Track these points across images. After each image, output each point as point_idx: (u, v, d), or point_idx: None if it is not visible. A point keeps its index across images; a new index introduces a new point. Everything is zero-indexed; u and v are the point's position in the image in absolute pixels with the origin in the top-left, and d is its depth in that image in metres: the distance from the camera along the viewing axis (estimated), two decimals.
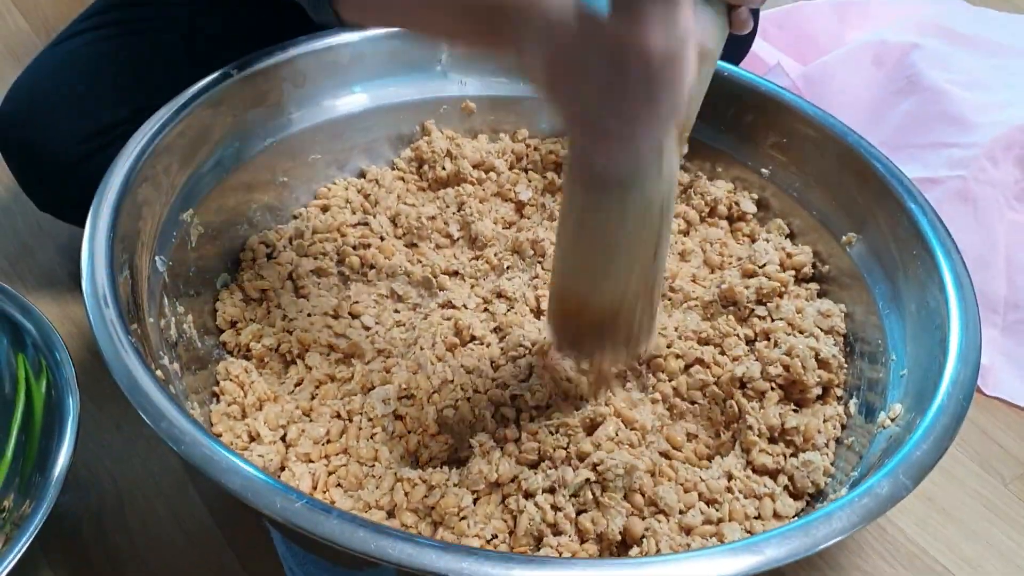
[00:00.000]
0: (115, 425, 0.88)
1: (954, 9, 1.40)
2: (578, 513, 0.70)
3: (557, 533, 0.69)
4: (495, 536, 0.69)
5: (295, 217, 0.95)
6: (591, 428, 0.75)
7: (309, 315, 0.85)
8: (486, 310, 0.88)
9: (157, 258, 0.79)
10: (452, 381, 0.78)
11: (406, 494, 0.71)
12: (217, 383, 0.80)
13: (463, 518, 0.70)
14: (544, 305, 0.87)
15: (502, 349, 0.82)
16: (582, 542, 0.69)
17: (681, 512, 0.71)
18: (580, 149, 0.63)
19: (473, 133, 1.03)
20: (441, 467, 0.74)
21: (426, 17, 0.71)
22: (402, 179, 1.00)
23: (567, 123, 0.63)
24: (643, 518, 0.71)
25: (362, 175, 1.00)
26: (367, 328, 0.86)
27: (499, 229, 0.95)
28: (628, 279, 0.68)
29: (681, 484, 0.73)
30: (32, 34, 1.35)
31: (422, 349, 0.81)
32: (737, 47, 1.11)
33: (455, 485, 0.71)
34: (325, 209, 0.95)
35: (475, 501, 0.71)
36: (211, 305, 0.87)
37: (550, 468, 0.72)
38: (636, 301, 0.70)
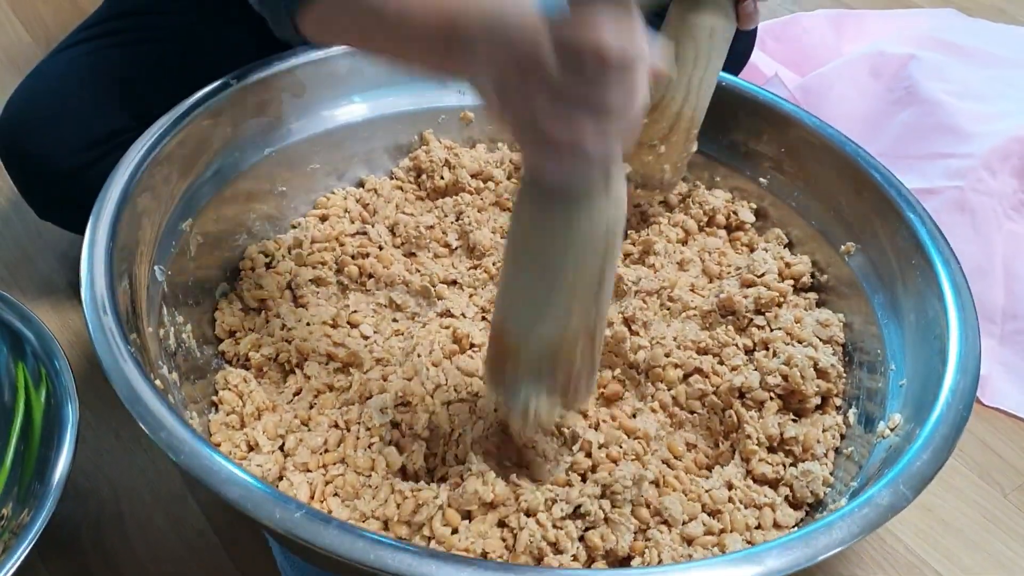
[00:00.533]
0: (114, 434, 0.88)
1: (950, 21, 1.41)
2: (586, 529, 0.69)
3: (558, 551, 0.68)
4: (486, 554, 0.69)
5: (294, 227, 0.95)
6: (588, 451, 0.75)
7: (308, 324, 0.85)
8: (484, 319, 0.88)
9: (156, 267, 0.79)
10: (446, 383, 0.78)
11: (398, 506, 0.71)
12: (216, 393, 0.80)
13: (455, 532, 0.70)
14: None
15: None
16: (590, 559, 0.69)
17: (684, 523, 0.71)
18: (530, 163, 0.63)
19: (471, 143, 1.03)
20: (430, 483, 0.73)
21: (382, 40, 0.71)
22: (400, 188, 1.00)
23: (517, 137, 0.62)
24: (645, 529, 0.70)
25: (361, 185, 1.00)
26: (365, 337, 0.85)
27: (497, 238, 0.95)
28: (569, 313, 0.66)
29: (685, 494, 0.73)
30: (33, 44, 1.35)
31: (420, 357, 0.81)
32: (735, 58, 1.12)
33: (448, 505, 0.70)
34: (324, 219, 0.95)
35: (469, 518, 0.71)
36: (210, 315, 0.87)
37: (552, 485, 0.72)
38: (576, 342, 0.67)
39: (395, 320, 0.88)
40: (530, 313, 0.67)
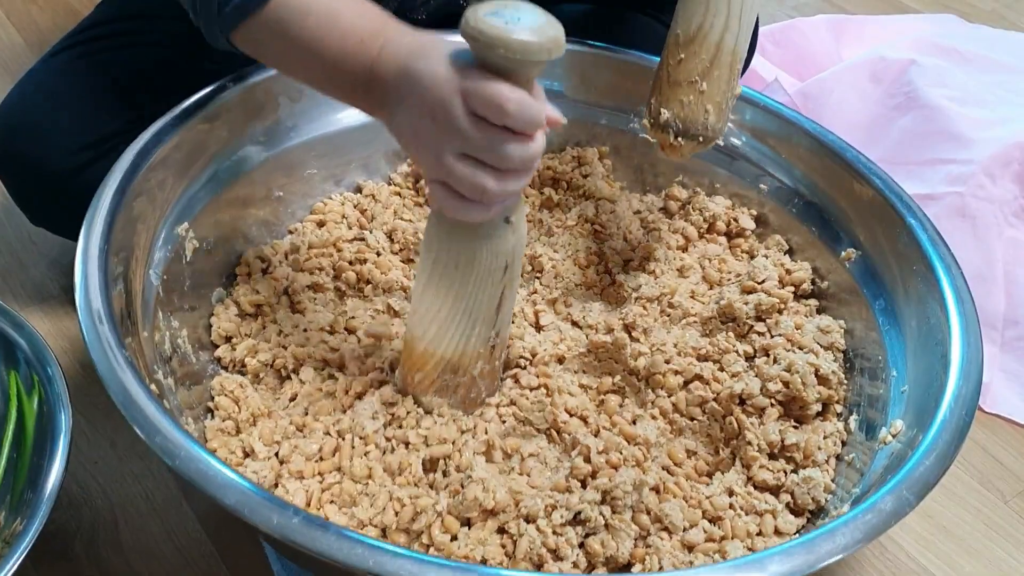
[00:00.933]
0: (108, 441, 0.87)
1: (950, 27, 1.41)
2: (587, 536, 0.69)
3: (559, 558, 0.68)
4: (485, 561, 0.68)
5: (291, 232, 0.95)
6: (587, 456, 0.74)
7: (305, 330, 0.85)
8: None
9: (151, 272, 0.78)
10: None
11: (396, 513, 0.70)
12: (212, 398, 0.79)
13: (454, 539, 0.69)
14: (543, 320, 0.86)
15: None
16: (590, 566, 0.68)
17: (684, 529, 0.70)
18: (438, 202, 0.67)
19: None
20: (428, 489, 0.73)
21: (307, 74, 0.76)
22: (399, 194, 0.99)
23: (427, 178, 0.67)
24: (646, 535, 0.70)
25: (359, 190, 0.99)
26: (361, 343, 0.85)
27: None
28: (470, 334, 0.73)
29: (685, 501, 0.72)
30: (27, 49, 1.35)
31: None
32: None
33: (447, 512, 0.70)
34: (321, 224, 0.95)
35: (468, 525, 0.70)
36: (206, 320, 0.86)
37: (552, 491, 0.71)
38: (477, 358, 0.75)
39: (393, 326, 0.87)
40: (436, 332, 0.73)
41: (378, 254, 0.92)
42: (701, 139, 0.83)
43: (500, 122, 0.60)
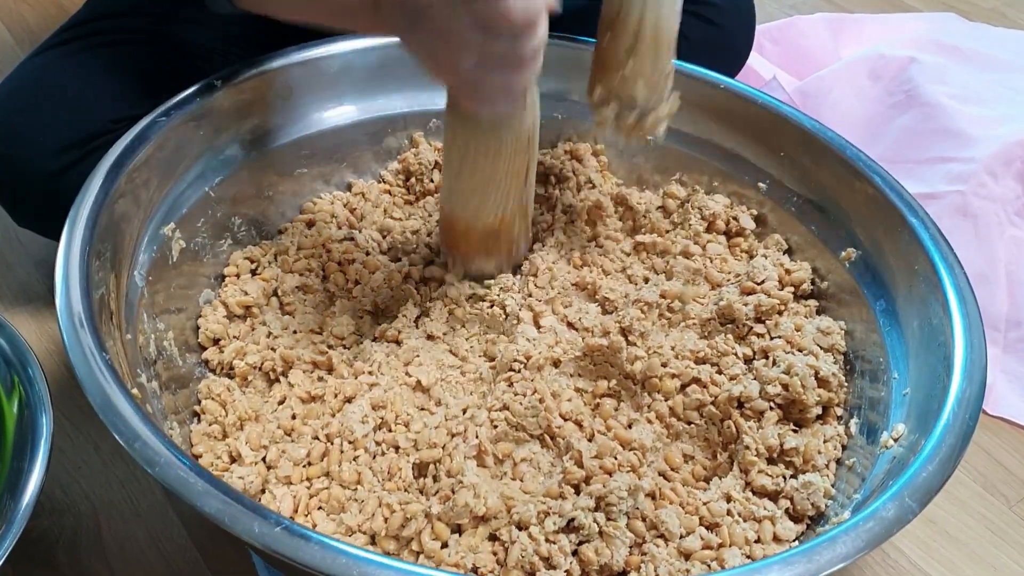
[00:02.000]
0: (93, 446, 0.86)
1: (950, 25, 1.40)
2: (580, 543, 0.67)
3: (551, 567, 0.66)
4: (476, 569, 0.66)
5: (280, 232, 0.93)
6: (581, 461, 0.73)
7: (294, 332, 0.83)
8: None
9: (136, 273, 0.77)
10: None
11: (385, 520, 0.69)
12: (198, 402, 0.78)
13: (444, 546, 0.68)
14: (542, 321, 0.84)
15: (493, 367, 0.80)
16: (584, 574, 0.67)
17: (681, 536, 0.69)
18: (464, 105, 0.74)
19: None
20: (419, 495, 0.71)
21: (316, 8, 0.78)
22: (389, 192, 0.98)
23: (452, 89, 0.74)
24: (641, 543, 0.68)
25: (349, 188, 0.98)
26: (347, 348, 0.83)
27: None
28: (506, 203, 0.82)
29: (682, 507, 0.71)
30: (16, 46, 1.34)
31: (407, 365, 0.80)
32: (731, 60, 1.10)
33: (437, 519, 0.68)
34: (311, 224, 0.93)
35: (459, 532, 0.69)
36: (193, 322, 0.84)
37: (545, 497, 0.70)
38: (514, 220, 0.84)
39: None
40: (474, 205, 0.82)
41: (367, 254, 0.90)
42: (638, 114, 0.85)
43: (508, 27, 0.64)
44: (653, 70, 0.83)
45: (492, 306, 0.84)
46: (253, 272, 0.89)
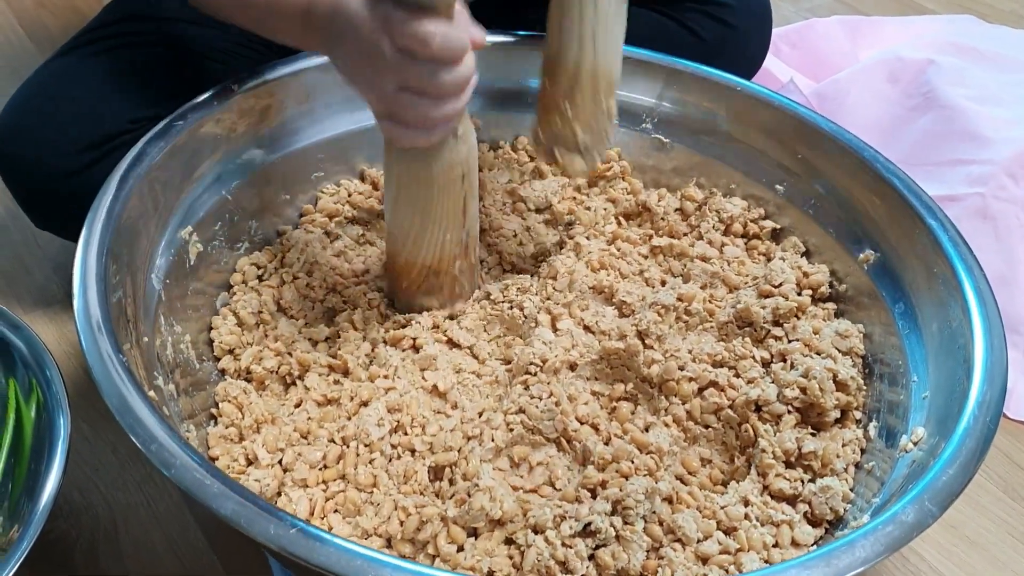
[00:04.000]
0: (110, 448, 0.86)
1: (968, 27, 1.39)
2: (597, 547, 0.67)
3: (568, 571, 0.66)
4: (492, 573, 0.66)
5: (280, 235, 0.93)
6: (603, 465, 0.73)
7: (309, 338, 0.83)
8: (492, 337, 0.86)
9: (153, 276, 0.77)
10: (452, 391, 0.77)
11: (401, 523, 0.69)
12: (215, 404, 0.78)
13: (460, 550, 0.67)
14: (559, 324, 0.84)
15: (509, 370, 0.80)
16: None
17: (698, 541, 0.68)
18: (385, 132, 0.73)
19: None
20: (435, 498, 0.71)
21: (252, 17, 0.80)
22: None
23: (374, 111, 0.72)
24: (658, 547, 0.68)
25: (362, 177, 0.99)
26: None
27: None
28: (443, 238, 0.80)
29: (699, 511, 0.70)
30: (37, 52, 1.35)
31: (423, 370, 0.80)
32: (749, 64, 1.10)
33: (453, 522, 0.68)
34: (326, 226, 0.93)
35: (475, 535, 0.69)
36: (211, 324, 0.84)
37: (561, 500, 0.69)
38: (454, 258, 0.82)
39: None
40: (412, 240, 0.80)
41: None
42: (580, 158, 0.87)
43: (427, 56, 0.64)
44: (592, 113, 0.85)
45: (512, 307, 0.84)
46: (260, 278, 0.88)
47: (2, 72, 1.31)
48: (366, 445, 0.74)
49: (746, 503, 0.72)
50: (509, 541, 0.68)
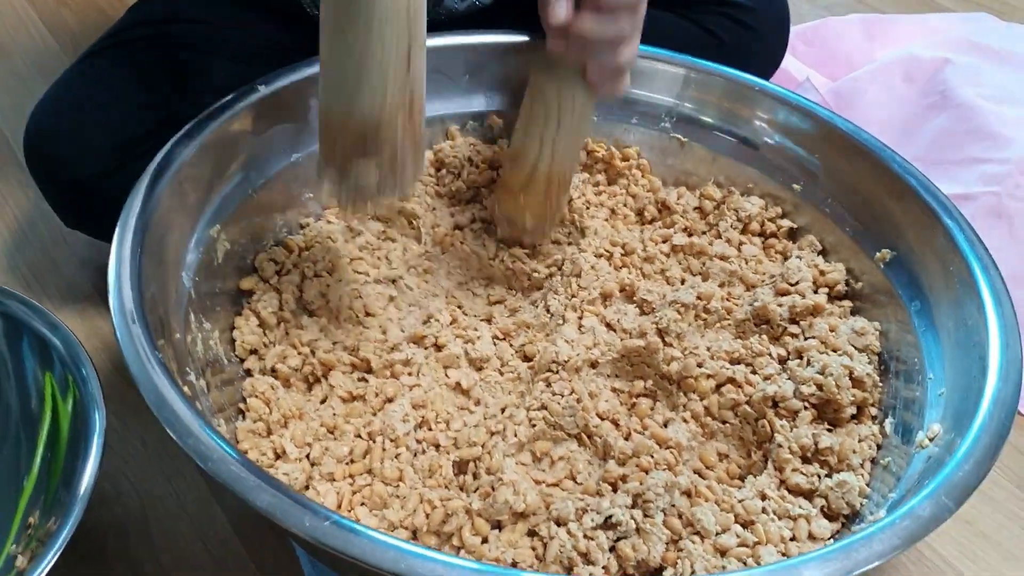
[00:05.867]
0: (139, 441, 0.88)
1: (984, 25, 1.39)
2: (618, 539, 0.68)
3: (589, 562, 0.67)
4: (516, 564, 0.68)
5: (318, 219, 0.95)
6: (623, 459, 0.74)
7: (331, 339, 0.84)
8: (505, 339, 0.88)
9: (184, 274, 0.79)
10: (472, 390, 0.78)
11: (427, 516, 0.70)
12: (243, 400, 0.79)
13: (484, 541, 0.69)
14: (585, 322, 0.85)
15: (531, 367, 0.82)
16: (621, 570, 0.68)
17: (717, 534, 0.70)
18: None
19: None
20: (459, 491, 0.73)
21: None
22: (420, 180, 1.00)
23: None
24: (677, 539, 0.69)
25: None
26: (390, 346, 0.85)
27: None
28: (384, 89, 0.71)
29: (717, 504, 0.72)
30: (60, 51, 1.36)
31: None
32: (768, 64, 1.11)
33: (478, 515, 0.70)
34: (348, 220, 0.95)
35: (498, 528, 0.70)
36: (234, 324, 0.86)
37: (583, 494, 0.71)
38: (396, 115, 0.73)
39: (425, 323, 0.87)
40: (347, 91, 0.72)
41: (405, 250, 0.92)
42: (525, 237, 0.94)
43: None
44: (542, 207, 0.92)
45: (537, 306, 0.86)
46: (278, 273, 0.89)
47: (28, 70, 1.32)
48: (392, 440, 0.75)
49: (763, 497, 0.73)
50: (532, 533, 0.70)
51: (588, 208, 0.98)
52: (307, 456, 0.75)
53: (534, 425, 0.76)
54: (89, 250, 1.06)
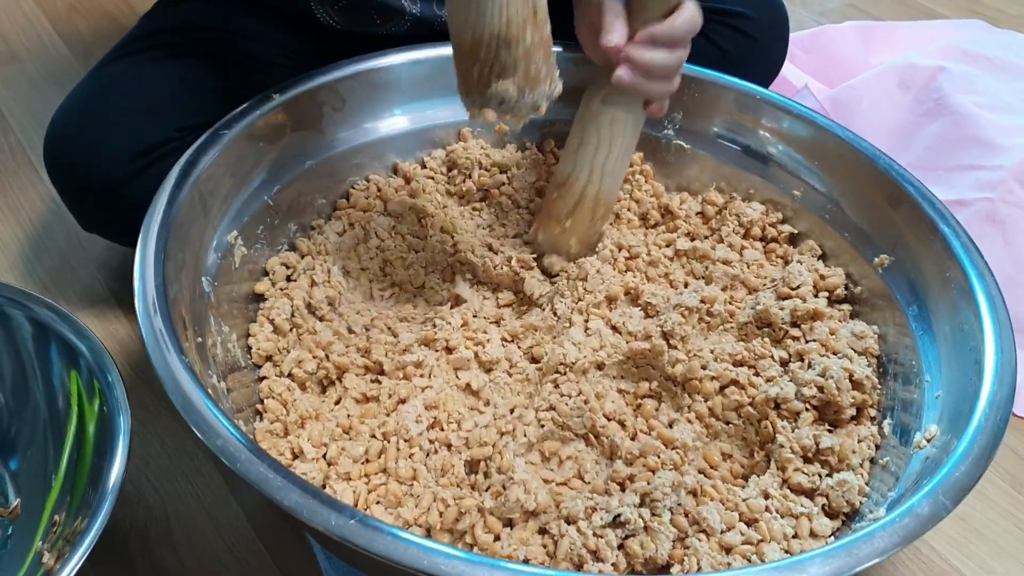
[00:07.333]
0: (159, 442, 0.89)
1: (978, 32, 1.41)
2: (626, 537, 0.70)
3: (599, 560, 0.69)
4: (527, 561, 0.70)
5: (328, 219, 0.97)
6: (630, 459, 0.76)
7: (343, 342, 0.86)
8: (512, 339, 0.90)
9: (204, 279, 0.81)
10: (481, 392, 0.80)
11: (440, 514, 0.72)
12: (260, 401, 0.81)
13: (496, 539, 0.71)
14: (591, 325, 0.87)
15: (540, 369, 0.84)
16: (629, 567, 0.70)
17: (722, 532, 0.72)
18: None
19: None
20: (471, 490, 0.75)
21: None
22: (432, 179, 1.01)
23: None
24: (684, 537, 0.72)
25: (394, 170, 1.02)
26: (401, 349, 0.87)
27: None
28: (507, 3, 0.72)
29: (722, 503, 0.74)
30: (72, 58, 1.37)
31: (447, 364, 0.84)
32: (766, 70, 1.13)
33: (490, 513, 0.72)
34: (359, 220, 0.97)
35: (510, 525, 0.72)
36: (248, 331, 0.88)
37: (591, 493, 0.73)
38: (524, 25, 0.74)
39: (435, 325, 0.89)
40: (476, 11, 0.72)
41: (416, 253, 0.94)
42: (565, 261, 0.95)
43: None
44: (587, 231, 0.95)
45: (544, 309, 0.88)
46: (288, 279, 0.91)
47: (41, 77, 1.33)
48: (406, 440, 0.77)
49: (766, 496, 0.75)
50: (543, 531, 0.72)
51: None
52: (324, 456, 0.77)
53: (543, 425, 0.79)
54: (105, 254, 1.08)
